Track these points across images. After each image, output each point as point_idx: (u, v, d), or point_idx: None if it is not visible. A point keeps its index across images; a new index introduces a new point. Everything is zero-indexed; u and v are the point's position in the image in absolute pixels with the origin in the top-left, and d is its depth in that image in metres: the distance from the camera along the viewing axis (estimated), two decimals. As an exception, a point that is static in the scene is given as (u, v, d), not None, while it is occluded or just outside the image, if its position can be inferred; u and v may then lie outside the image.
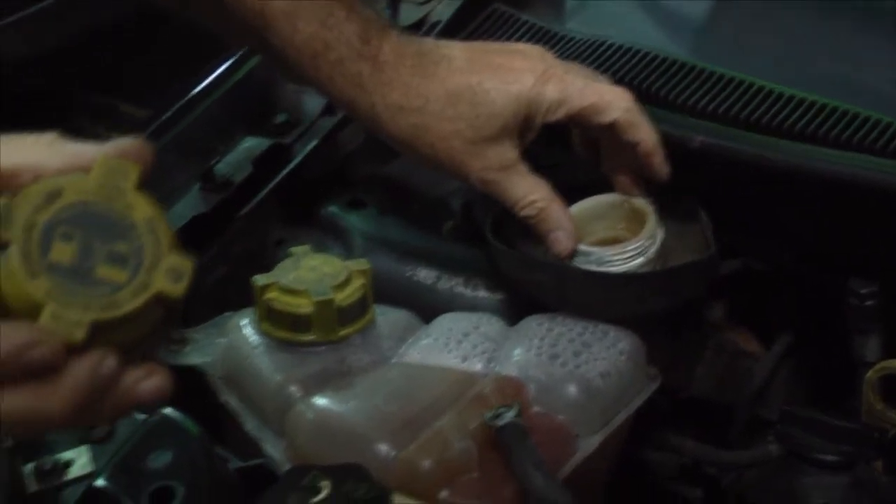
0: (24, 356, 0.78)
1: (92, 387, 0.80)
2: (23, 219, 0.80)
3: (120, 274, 0.81)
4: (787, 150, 1.32)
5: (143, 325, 0.83)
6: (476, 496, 1.10)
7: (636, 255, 1.27)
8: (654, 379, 1.24)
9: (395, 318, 1.28)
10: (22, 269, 0.79)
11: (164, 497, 1.09)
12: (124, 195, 0.83)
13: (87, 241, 0.81)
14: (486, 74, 1.31)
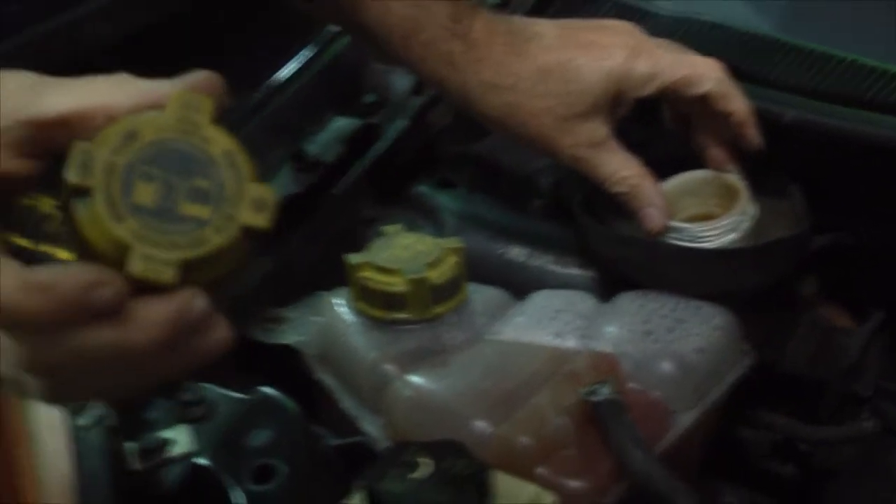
0: (88, 297, 0.77)
1: (180, 326, 0.80)
2: (102, 163, 0.79)
3: (203, 210, 0.80)
4: (880, 123, 1.32)
5: (228, 260, 0.82)
6: (573, 472, 1.11)
7: (729, 230, 1.27)
8: (748, 355, 1.24)
9: (487, 296, 1.29)
10: (106, 214, 0.78)
11: (265, 475, 1.10)
12: (200, 129, 0.81)
13: (167, 180, 0.80)
14: (576, 51, 1.31)
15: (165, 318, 0.79)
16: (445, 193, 1.45)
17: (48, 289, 0.76)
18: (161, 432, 1.17)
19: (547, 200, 1.44)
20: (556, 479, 1.10)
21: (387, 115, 1.50)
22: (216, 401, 1.19)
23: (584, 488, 1.10)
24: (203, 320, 0.81)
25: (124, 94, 0.82)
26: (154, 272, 0.78)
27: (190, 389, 1.20)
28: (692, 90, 1.30)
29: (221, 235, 0.80)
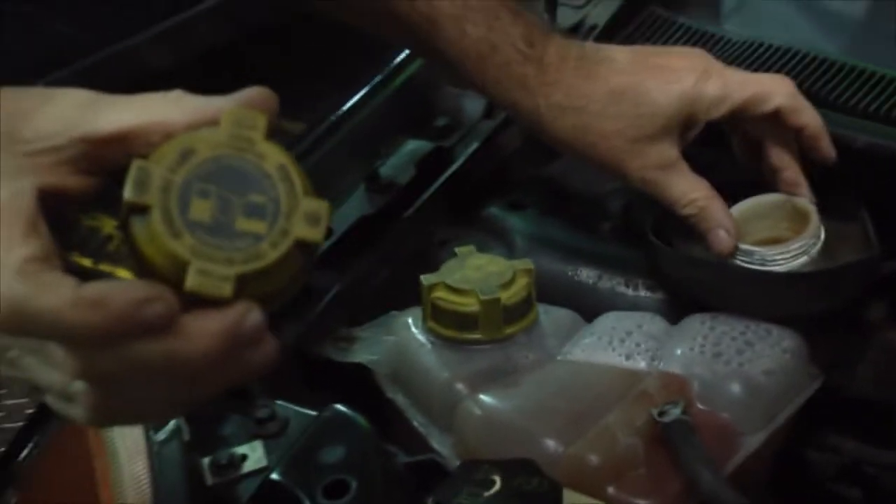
0: (139, 312, 0.77)
1: (234, 340, 0.80)
2: (159, 180, 0.79)
3: (259, 225, 0.80)
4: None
5: (283, 274, 0.82)
6: (643, 492, 1.11)
7: (799, 254, 1.27)
8: (817, 378, 1.24)
9: (558, 317, 1.29)
10: (164, 231, 0.78)
11: (337, 491, 1.10)
12: (255, 145, 0.82)
13: (223, 196, 0.80)
14: (647, 74, 1.32)
15: (220, 332, 0.79)
16: (516, 215, 1.45)
17: (100, 304, 0.76)
18: (235, 448, 1.17)
19: (617, 223, 1.44)
20: (626, 498, 1.10)
21: (459, 138, 1.51)
22: (289, 417, 1.19)
23: (654, 505, 1.12)
24: (256, 334, 0.81)
25: (180, 111, 0.83)
26: (211, 287, 0.78)
27: (264, 406, 1.20)
28: (763, 107, 1.30)
29: (277, 250, 0.80)
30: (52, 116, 0.83)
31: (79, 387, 0.81)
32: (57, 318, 0.76)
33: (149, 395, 0.84)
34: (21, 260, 0.77)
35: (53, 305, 0.76)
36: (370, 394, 1.27)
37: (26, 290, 0.76)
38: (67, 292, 0.77)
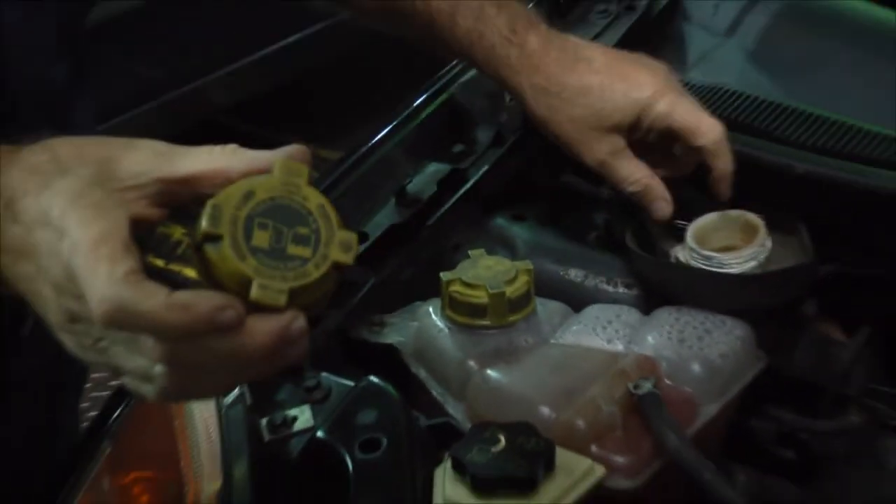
0: (218, 316, 0.81)
1: (285, 339, 0.84)
2: (229, 215, 0.83)
3: (305, 251, 0.85)
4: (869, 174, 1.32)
5: (322, 288, 0.87)
6: (620, 450, 1.11)
7: (750, 259, 1.27)
8: (762, 360, 1.24)
9: (552, 308, 1.29)
10: (233, 254, 0.83)
11: (371, 447, 1.10)
12: (300, 189, 0.86)
13: (277, 228, 0.85)
14: (615, 79, 1.34)
15: (274, 332, 0.84)
16: (518, 225, 1.44)
17: (187, 308, 0.81)
18: (287, 411, 1.17)
19: (600, 233, 1.44)
20: (606, 455, 1.10)
21: (472, 162, 1.49)
22: (332, 386, 1.19)
23: (629, 463, 1.11)
24: (299, 336, 0.85)
25: (237, 161, 0.88)
26: (269, 298, 0.83)
27: (311, 377, 1.20)
28: (692, 140, 1.31)
29: (319, 270, 0.85)
30: (137, 162, 0.87)
31: (159, 369, 0.84)
32: (154, 317, 0.80)
33: (211, 377, 0.87)
34: (125, 272, 0.81)
35: (152, 307, 0.80)
36: (398, 369, 1.26)
37: (132, 294, 0.80)
38: (163, 297, 0.81)
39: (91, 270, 0.81)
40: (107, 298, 0.80)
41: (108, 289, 0.80)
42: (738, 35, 1.59)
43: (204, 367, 0.85)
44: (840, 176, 1.33)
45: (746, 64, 1.56)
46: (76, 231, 0.82)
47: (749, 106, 1.45)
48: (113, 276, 0.81)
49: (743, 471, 1.24)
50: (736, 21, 1.61)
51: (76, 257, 0.82)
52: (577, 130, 1.35)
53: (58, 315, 0.86)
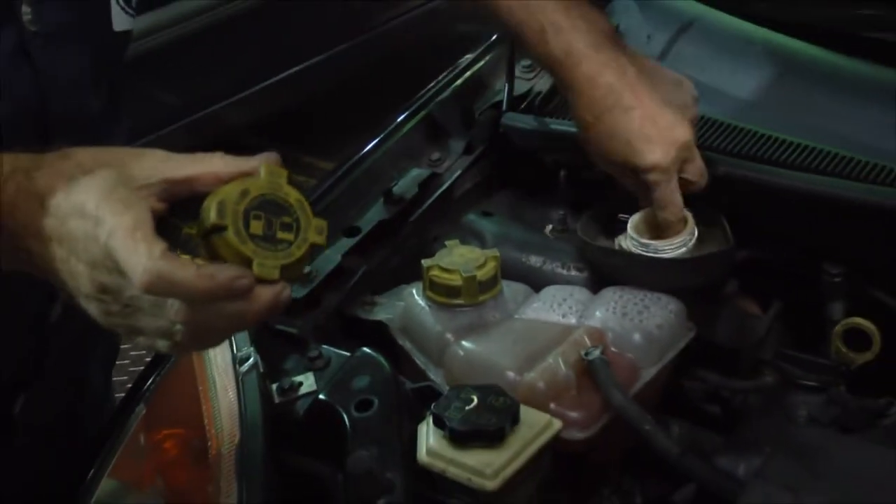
0: (235, 283, 0.86)
1: (278, 304, 0.90)
2: (231, 209, 0.88)
3: (289, 235, 0.91)
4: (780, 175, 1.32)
5: (303, 263, 0.92)
6: (574, 407, 1.11)
7: (681, 246, 1.27)
8: (692, 330, 1.23)
9: (515, 289, 1.28)
10: (236, 240, 0.88)
11: (365, 406, 1.10)
12: (282, 187, 0.91)
13: (268, 218, 0.90)
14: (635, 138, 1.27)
15: (271, 298, 0.89)
16: (486, 220, 1.44)
17: (213, 276, 0.86)
18: (294, 377, 1.18)
19: (556, 226, 1.42)
20: (563, 412, 1.10)
21: (447, 167, 1.49)
22: (331, 356, 1.20)
23: (582, 418, 1.11)
24: (286, 302, 0.91)
25: (226, 166, 0.92)
26: (267, 273, 0.89)
27: (314, 349, 1.21)
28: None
29: (301, 250, 0.91)
30: (146, 166, 0.91)
31: (178, 328, 0.88)
32: (188, 284, 0.85)
33: (216, 333, 0.94)
34: (161, 250, 0.85)
35: (186, 276, 0.85)
36: (387, 341, 1.26)
37: (170, 267, 0.85)
38: (194, 269, 0.85)
39: (131, 250, 0.85)
40: (149, 270, 0.84)
41: (150, 263, 0.84)
42: (668, 60, 1.58)
43: (213, 325, 0.89)
44: (753, 176, 1.33)
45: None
46: (112, 219, 0.86)
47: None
48: (152, 253, 0.84)
49: (677, 423, 1.23)
50: (666, 49, 1.61)
51: (114, 240, 0.85)
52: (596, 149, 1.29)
53: (89, 287, 0.88)
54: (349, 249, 1.35)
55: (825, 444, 1.00)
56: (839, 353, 1.24)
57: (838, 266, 1.28)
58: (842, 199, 1.28)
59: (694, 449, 1.09)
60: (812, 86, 1.51)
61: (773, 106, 1.48)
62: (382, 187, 1.43)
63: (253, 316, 0.89)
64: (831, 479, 0.94)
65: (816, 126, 1.41)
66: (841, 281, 1.28)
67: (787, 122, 1.41)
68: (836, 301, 1.28)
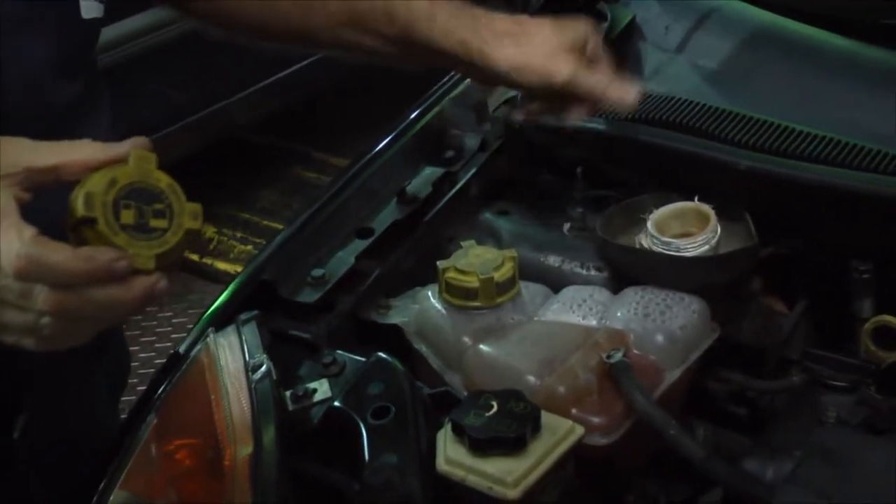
0: (114, 265, 0.87)
1: (153, 294, 0.89)
2: (99, 200, 0.88)
3: (163, 222, 0.91)
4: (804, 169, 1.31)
5: (179, 250, 0.92)
6: (596, 412, 1.11)
7: (703, 244, 1.26)
8: (716, 331, 1.23)
9: (534, 290, 1.28)
10: (108, 231, 0.88)
11: (380, 413, 1.10)
12: (152, 173, 0.91)
13: (139, 206, 0.90)
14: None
15: (146, 288, 0.89)
16: (503, 219, 1.43)
17: (91, 258, 0.86)
18: (308, 384, 1.18)
19: (574, 224, 1.42)
20: (584, 417, 1.10)
21: (461, 165, 1.49)
22: (346, 362, 1.20)
23: (604, 423, 1.11)
24: (161, 293, 0.90)
25: (93, 152, 0.91)
26: (141, 263, 0.89)
27: (328, 354, 1.21)
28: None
29: (176, 236, 0.91)
30: (9, 154, 0.90)
31: (45, 321, 0.87)
32: (63, 266, 0.85)
33: (86, 325, 0.92)
34: (32, 234, 0.85)
35: (62, 258, 0.85)
36: (402, 345, 1.25)
37: (43, 250, 0.85)
38: (69, 251, 0.86)
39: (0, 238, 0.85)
40: (22, 254, 0.84)
41: (22, 247, 0.84)
42: (686, 52, 1.59)
43: (84, 316, 0.89)
44: (777, 171, 1.32)
45: (694, 76, 1.55)
46: None
47: (697, 112, 1.43)
48: (23, 237, 0.85)
49: (702, 426, 1.23)
50: (684, 40, 1.60)
51: None
52: (539, 55, 1.28)
53: None
54: (362, 251, 1.35)
55: (857, 447, 0.99)
56: (868, 351, 1.24)
57: (867, 262, 1.27)
58: (869, 194, 1.27)
59: (720, 452, 1.09)
60: (834, 76, 1.51)
61: (795, 97, 1.47)
62: (395, 187, 1.43)
63: (126, 305, 0.89)
64: (864, 485, 0.94)
65: (840, 118, 1.40)
66: (870, 277, 1.27)
67: (810, 114, 1.40)
68: (865, 298, 1.27)
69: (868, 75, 1.49)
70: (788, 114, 1.40)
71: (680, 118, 1.41)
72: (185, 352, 1.26)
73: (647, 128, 1.41)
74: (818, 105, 1.44)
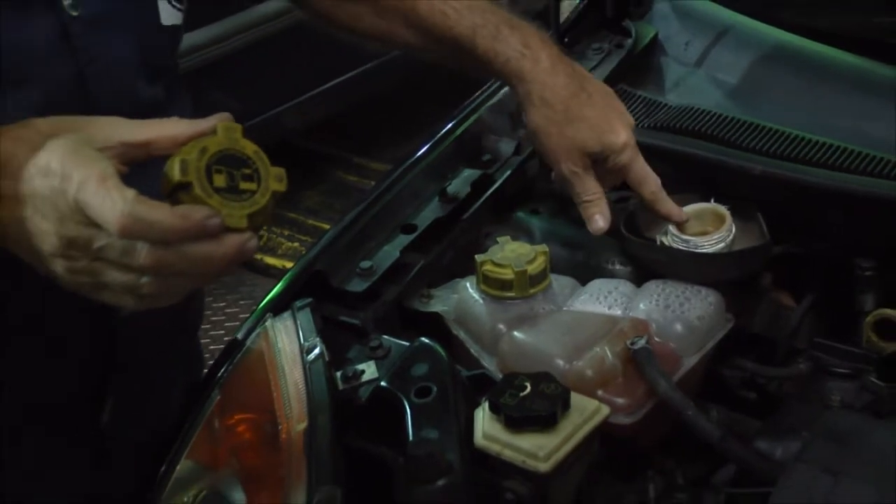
0: (209, 222, 0.86)
1: (244, 251, 0.88)
2: (193, 166, 0.87)
3: (252, 185, 0.90)
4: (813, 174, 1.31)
5: (267, 211, 0.91)
6: (620, 394, 1.12)
7: (719, 242, 1.26)
8: (730, 321, 1.23)
9: (563, 282, 1.28)
10: (202, 194, 0.87)
11: (423, 393, 1.10)
12: (238, 142, 0.91)
13: (229, 171, 0.89)
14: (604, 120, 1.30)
15: (239, 244, 0.88)
16: (535, 217, 1.43)
17: (186, 216, 0.85)
18: (357, 365, 1.18)
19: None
20: (609, 398, 1.11)
21: (497, 167, 1.48)
22: (391, 346, 1.20)
23: (628, 404, 1.12)
24: (252, 250, 0.89)
25: (182, 128, 0.91)
26: (235, 222, 0.88)
27: (375, 339, 1.21)
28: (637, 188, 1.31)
29: (265, 197, 0.90)
30: (104, 130, 0.91)
31: (145, 280, 0.87)
32: (163, 223, 0.85)
33: (182, 282, 0.90)
34: (134, 194, 0.85)
35: (161, 216, 0.85)
36: (443, 332, 1.26)
37: (147, 208, 0.84)
38: (167, 209, 0.85)
39: (104, 197, 0.84)
40: (126, 213, 0.83)
41: (126, 206, 0.83)
42: (704, 66, 1.59)
43: (180, 272, 0.88)
44: (788, 175, 1.32)
45: (712, 88, 1.55)
46: (81, 173, 0.85)
47: (715, 121, 1.43)
48: (126, 197, 0.84)
49: (716, 409, 1.23)
50: (703, 55, 1.61)
51: (85, 192, 0.84)
52: (560, 144, 1.29)
53: (56, 243, 0.87)
54: (407, 245, 1.35)
55: (861, 428, 0.99)
56: (870, 342, 1.23)
57: (870, 260, 1.27)
58: (872, 196, 1.27)
59: (733, 433, 1.09)
60: (841, 89, 1.50)
61: (804, 109, 1.47)
62: (437, 187, 1.44)
63: (219, 261, 0.88)
64: (869, 463, 0.94)
65: (846, 127, 1.40)
66: (872, 274, 1.26)
67: (818, 124, 1.40)
68: (868, 293, 1.27)
69: (872, 89, 1.48)
70: (798, 123, 1.40)
71: (699, 127, 1.42)
72: (244, 335, 1.26)
73: (669, 135, 1.42)
74: (826, 115, 1.44)
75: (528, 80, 1.29)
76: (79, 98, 1.07)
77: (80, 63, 1.07)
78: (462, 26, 1.30)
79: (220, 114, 0.92)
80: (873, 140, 1.36)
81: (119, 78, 1.12)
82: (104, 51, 1.09)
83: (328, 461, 1.06)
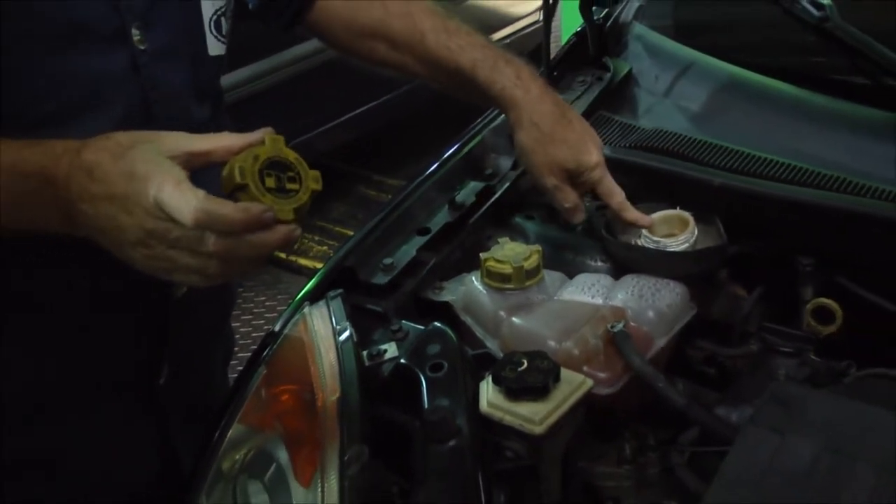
0: (265, 215, 0.89)
1: (291, 239, 0.91)
2: (249, 171, 0.90)
3: (296, 185, 0.93)
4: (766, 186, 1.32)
5: (307, 206, 0.93)
6: (602, 369, 1.12)
7: (684, 243, 1.27)
8: (693, 309, 1.23)
9: (554, 276, 1.29)
10: (257, 192, 0.90)
11: (436, 369, 1.10)
12: (283, 150, 0.93)
13: (277, 174, 0.92)
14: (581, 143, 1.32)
15: (287, 233, 0.91)
16: (530, 222, 1.44)
17: (247, 210, 0.88)
18: (380, 345, 1.18)
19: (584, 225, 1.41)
20: (593, 373, 1.11)
21: (498, 180, 1.49)
22: (409, 329, 1.20)
23: (608, 377, 1.12)
24: (297, 238, 0.92)
25: (235, 140, 0.93)
26: (284, 215, 0.91)
27: (396, 323, 1.21)
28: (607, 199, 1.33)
29: (306, 195, 0.93)
30: (173, 141, 0.93)
31: (212, 262, 0.90)
32: (229, 216, 0.88)
33: (243, 264, 0.92)
34: (205, 194, 0.88)
35: (227, 210, 0.88)
36: (452, 317, 1.26)
37: (216, 205, 0.88)
38: (232, 205, 0.88)
39: (181, 197, 0.87)
40: (198, 208, 0.86)
41: (198, 203, 0.87)
42: (671, 95, 1.59)
43: (241, 254, 0.90)
44: (743, 186, 1.32)
45: (677, 114, 1.55)
46: (159, 177, 0.88)
47: (681, 142, 1.44)
48: (198, 196, 0.87)
49: (682, 382, 1.24)
50: (670, 86, 1.61)
51: (163, 192, 0.87)
52: (544, 161, 1.31)
53: (138, 234, 0.89)
54: (422, 245, 1.35)
55: (802, 396, 0.99)
56: (809, 326, 1.24)
57: (809, 257, 1.27)
58: (811, 204, 1.28)
59: (696, 402, 1.09)
60: (785, 115, 1.50)
61: (755, 131, 1.47)
62: (447, 197, 1.44)
63: (272, 246, 0.90)
64: (809, 424, 0.94)
65: (790, 147, 1.40)
66: (811, 269, 1.27)
67: (767, 144, 1.41)
68: (807, 285, 1.28)
69: (811, 115, 1.48)
70: (749, 143, 1.41)
71: (667, 146, 1.43)
72: (284, 321, 1.26)
73: (642, 153, 1.42)
74: (771, 136, 1.44)
75: (519, 105, 1.31)
76: (144, 117, 1.09)
77: (146, 88, 1.09)
78: (464, 59, 1.32)
79: (265, 128, 0.95)
80: (810, 157, 1.36)
81: (176, 101, 1.13)
82: (165, 78, 1.11)
83: (357, 425, 1.06)
